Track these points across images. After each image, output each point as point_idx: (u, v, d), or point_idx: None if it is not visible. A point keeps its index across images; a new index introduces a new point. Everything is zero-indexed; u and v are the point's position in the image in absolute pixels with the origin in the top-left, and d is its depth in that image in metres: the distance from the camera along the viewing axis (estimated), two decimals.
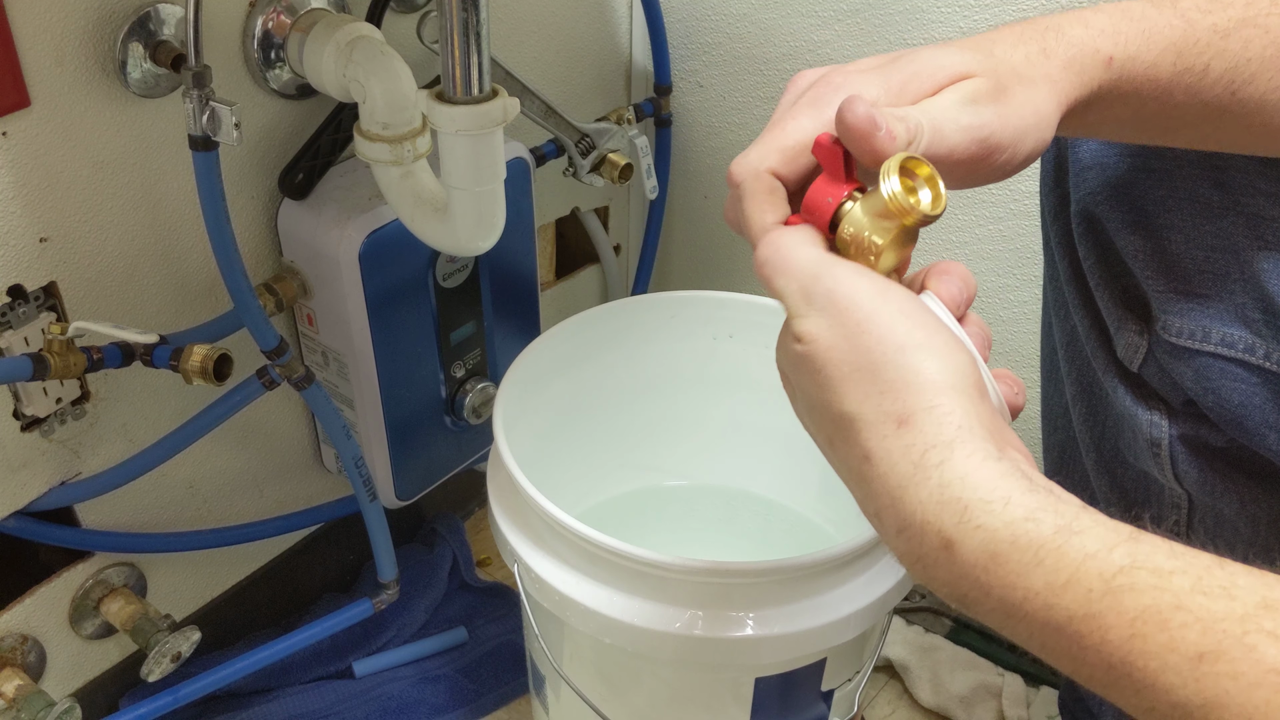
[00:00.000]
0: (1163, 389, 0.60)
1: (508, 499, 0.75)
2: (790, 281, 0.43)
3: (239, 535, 0.91)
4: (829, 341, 0.41)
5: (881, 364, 0.40)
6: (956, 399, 0.40)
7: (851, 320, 0.41)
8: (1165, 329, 0.57)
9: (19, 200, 0.68)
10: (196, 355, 0.70)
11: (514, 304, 0.95)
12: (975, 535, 0.37)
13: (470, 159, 0.71)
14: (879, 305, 0.41)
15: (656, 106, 1.08)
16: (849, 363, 0.41)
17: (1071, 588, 0.35)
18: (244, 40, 0.75)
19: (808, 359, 0.42)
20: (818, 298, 0.42)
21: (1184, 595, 0.34)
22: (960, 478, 0.38)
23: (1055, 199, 0.65)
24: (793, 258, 0.44)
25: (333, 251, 0.79)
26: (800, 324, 0.42)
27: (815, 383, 0.42)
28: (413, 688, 0.98)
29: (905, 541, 0.39)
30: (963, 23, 0.87)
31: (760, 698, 0.73)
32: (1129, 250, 0.59)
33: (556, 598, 0.70)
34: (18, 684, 0.79)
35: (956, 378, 0.40)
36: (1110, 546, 0.36)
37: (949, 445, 0.39)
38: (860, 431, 0.40)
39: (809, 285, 0.43)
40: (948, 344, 0.41)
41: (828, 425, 0.42)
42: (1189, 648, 0.33)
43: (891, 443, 0.39)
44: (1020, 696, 0.97)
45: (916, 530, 0.39)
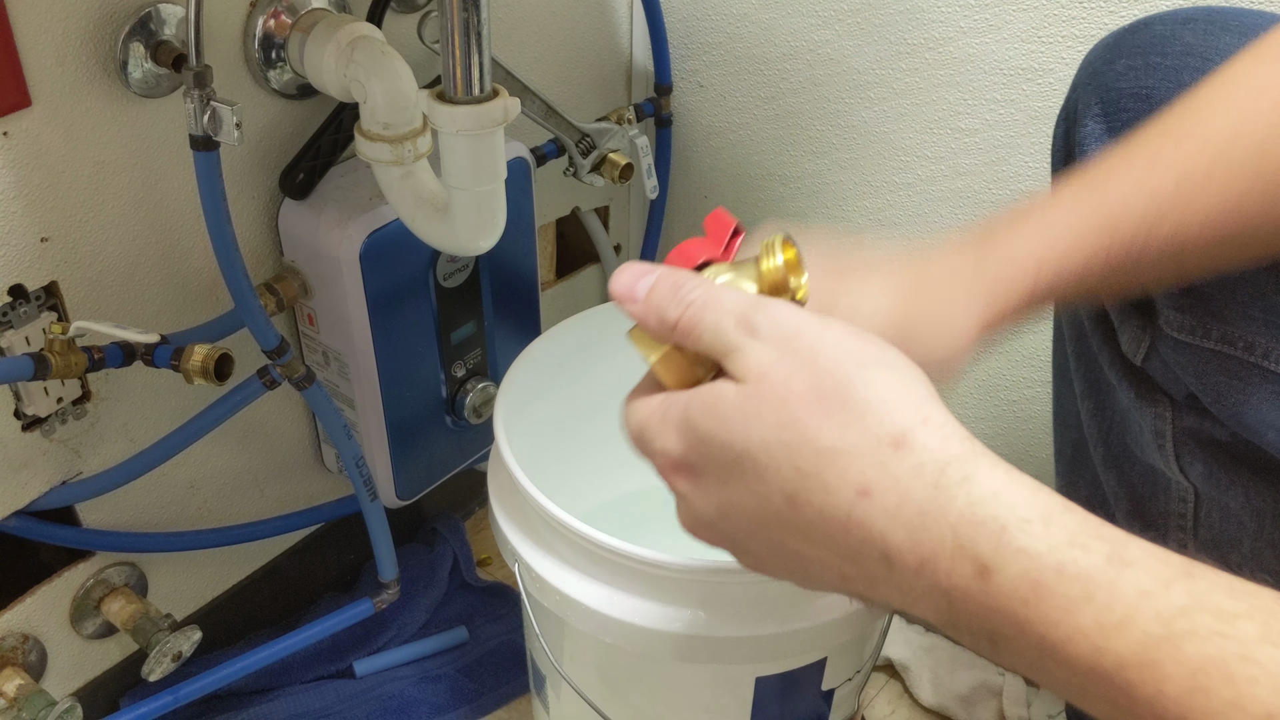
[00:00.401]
0: (1166, 383, 0.60)
1: (508, 498, 0.75)
2: (724, 315, 0.39)
3: (240, 535, 0.91)
4: (786, 370, 0.37)
5: (850, 383, 0.36)
6: (938, 407, 0.37)
7: (804, 345, 0.37)
8: (1167, 323, 0.58)
9: (20, 200, 0.68)
10: (197, 355, 0.70)
11: (514, 304, 0.95)
12: (1016, 561, 0.33)
13: (471, 159, 0.71)
14: (824, 327, 0.38)
15: (657, 106, 1.08)
16: (814, 389, 0.36)
17: (1126, 630, 0.31)
18: (245, 40, 0.75)
19: (761, 395, 0.37)
20: (762, 326, 0.38)
21: (1252, 645, 0.30)
22: (992, 494, 0.34)
23: None
24: (723, 295, 0.40)
25: (333, 251, 0.79)
26: (743, 359, 0.38)
27: (776, 422, 0.36)
28: (413, 687, 0.98)
29: (929, 577, 0.35)
30: (963, 22, 0.87)
31: (761, 697, 0.74)
32: None
33: (557, 597, 0.70)
34: (19, 683, 0.79)
35: (926, 385, 0.37)
36: (1167, 582, 0.32)
37: (965, 460, 0.35)
38: (849, 465, 0.35)
39: (749, 315, 0.39)
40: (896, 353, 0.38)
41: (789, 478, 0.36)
42: (1258, 707, 0.30)
43: (894, 467, 0.35)
44: (1021, 696, 0.97)
45: (946, 560, 0.34)
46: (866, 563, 0.36)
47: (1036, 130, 0.88)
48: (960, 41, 0.88)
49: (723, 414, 0.38)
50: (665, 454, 0.41)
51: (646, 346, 0.43)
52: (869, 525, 0.35)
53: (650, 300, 0.41)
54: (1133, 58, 0.60)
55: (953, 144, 0.92)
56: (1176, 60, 0.58)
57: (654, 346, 0.42)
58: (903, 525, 0.35)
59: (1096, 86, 0.61)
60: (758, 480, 0.37)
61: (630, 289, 0.42)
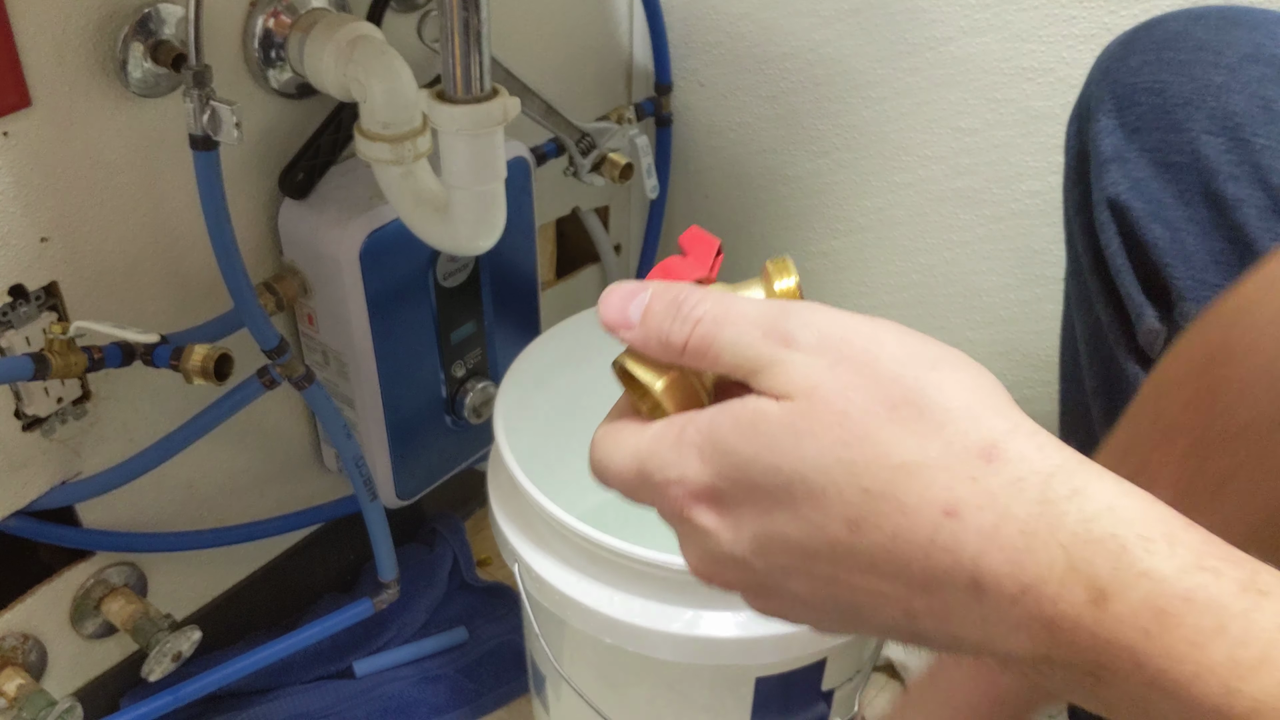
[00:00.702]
0: None
1: (508, 499, 0.75)
2: (746, 327, 0.34)
3: (239, 535, 0.91)
4: (842, 381, 0.32)
5: (923, 388, 0.32)
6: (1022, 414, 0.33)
7: (857, 349, 0.33)
8: (1184, 316, 0.58)
9: (20, 200, 0.68)
10: (197, 355, 0.70)
11: (514, 303, 0.95)
12: (1138, 586, 0.29)
13: (471, 158, 0.71)
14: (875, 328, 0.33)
15: (657, 105, 1.08)
16: (882, 400, 0.32)
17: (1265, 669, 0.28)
18: (244, 40, 0.75)
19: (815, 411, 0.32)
20: (799, 334, 0.33)
21: None
22: (1108, 508, 0.30)
23: (1079, 193, 0.65)
24: (739, 304, 0.35)
25: (333, 251, 0.79)
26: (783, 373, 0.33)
27: (838, 439, 0.32)
28: (413, 687, 0.98)
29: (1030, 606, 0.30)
30: (963, 22, 0.87)
31: (761, 697, 0.73)
32: (1150, 239, 0.59)
33: (557, 597, 0.70)
34: (19, 683, 0.79)
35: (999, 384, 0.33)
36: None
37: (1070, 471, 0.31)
38: (932, 480, 0.31)
39: (779, 324, 0.34)
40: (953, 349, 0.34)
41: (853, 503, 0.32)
42: None
43: (989, 482, 0.30)
44: None
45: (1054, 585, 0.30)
46: (948, 592, 0.31)
47: (1037, 130, 0.88)
48: (960, 41, 0.88)
49: (767, 433, 0.33)
50: (684, 483, 0.35)
51: (647, 373, 0.37)
52: (958, 549, 0.31)
53: (649, 322, 0.36)
54: (1146, 53, 0.60)
55: (953, 143, 0.92)
56: (1189, 55, 0.59)
57: (655, 372, 0.37)
58: (1001, 548, 0.30)
59: (1110, 82, 0.61)
60: (811, 507, 0.32)
61: (622, 314, 0.37)
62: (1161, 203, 0.59)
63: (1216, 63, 0.57)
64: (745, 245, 1.12)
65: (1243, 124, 0.56)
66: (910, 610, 0.32)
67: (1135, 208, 0.60)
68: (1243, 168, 0.56)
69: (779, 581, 0.35)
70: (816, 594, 0.34)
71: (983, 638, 0.31)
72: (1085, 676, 0.30)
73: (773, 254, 0.91)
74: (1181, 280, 0.58)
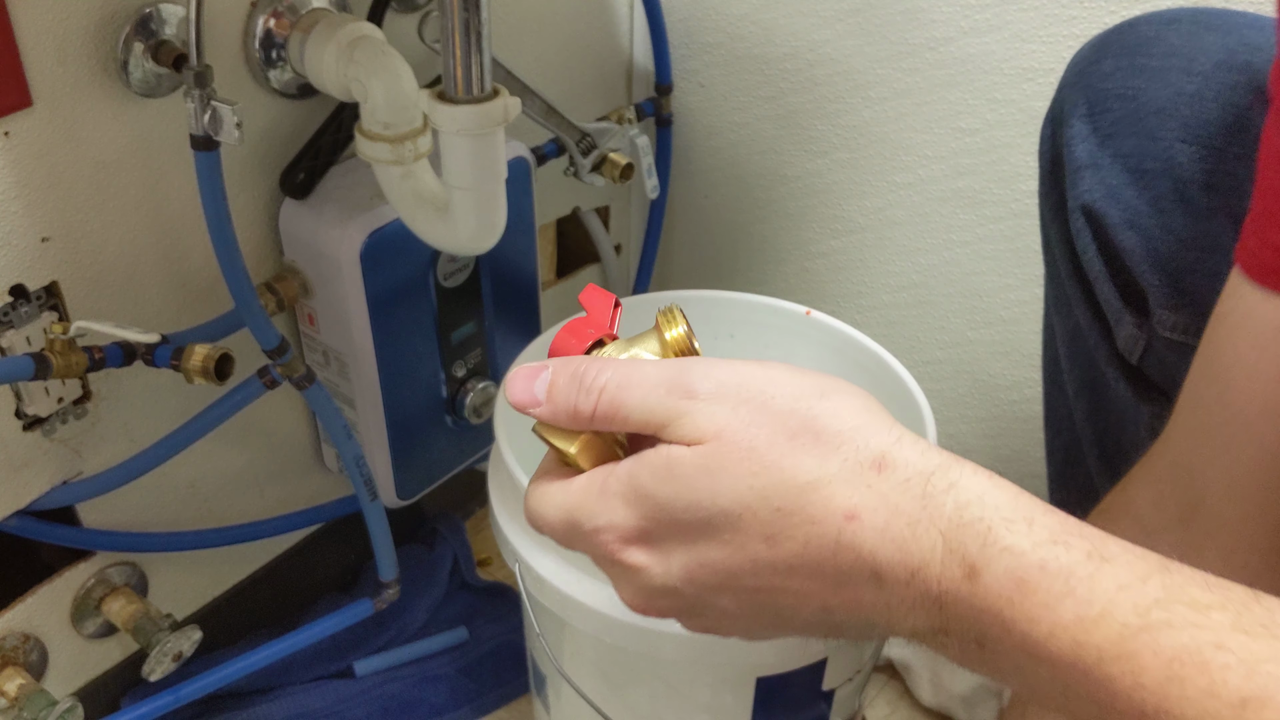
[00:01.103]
0: (1162, 381, 0.60)
1: (509, 498, 0.75)
2: (650, 389, 0.38)
3: (240, 534, 0.91)
4: (744, 420, 0.36)
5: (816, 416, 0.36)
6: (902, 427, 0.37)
7: (753, 391, 0.37)
8: (1160, 323, 0.58)
9: (21, 200, 0.68)
10: (198, 355, 0.70)
11: (515, 303, 0.95)
12: (1001, 559, 0.34)
13: (471, 159, 0.71)
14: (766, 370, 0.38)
15: (657, 106, 1.08)
16: (782, 431, 0.36)
17: (1104, 622, 0.32)
18: (245, 40, 0.75)
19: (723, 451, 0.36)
20: (699, 386, 0.37)
21: (1224, 633, 0.31)
22: (978, 497, 0.35)
23: (1054, 199, 0.65)
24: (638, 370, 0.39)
25: (334, 251, 0.79)
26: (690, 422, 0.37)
27: (748, 471, 0.36)
28: (413, 687, 0.98)
29: (920, 585, 0.35)
30: (963, 22, 0.87)
31: (761, 697, 0.74)
32: (1125, 246, 0.59)
33: (557, 597, 0.70)
34: (20, 683, 0.79)
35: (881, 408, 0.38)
36: (1143, 576, 0.33)
37: (947, 468, 0.36)
38: (834, 493, 0.35)
39: (680, 380, 0.38)
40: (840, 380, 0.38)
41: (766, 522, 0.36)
42: (1231, 693, 0.30)
43: (880, 487, 0.35)
44: None
45: (937, 565, 0.35)
46: (855, 584, 0.36)
47: (1037, 130, 0.87)
48: (960, 41, 0.88)
49: (682, 477, 0.37)
50: (613, 529, 0.39)
51: (560, 438, 0.41)
52: (858, 546, 0.35)
53: (555, 399, 0.40)
54: (1119, 58, 0.60)
55: (953, 144, 0.92)
56: (1161, 61, 0.58)
57: (569, 437, 0.41)
58: (892, 539, 0.35)
59: (1083, 87, 0.61)
60: (732, 533, 0.37)
61: (529, 394, 0.41)
62: (1136, 210, 0.59)
63: (1189, 69, 0.57)
64: (745, 245, 1.12)
65: (1216, 133, 0.56)
66: (827, 605, 0.37)
67: (1110, 215, 0.59)
68: (1217, 176, 0.56)
69: (710, 601, 0.39)
70: (744, 605, 0.38)
71: (888, 620, 0.36)
72: (972, 644, 0.35)
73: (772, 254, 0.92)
74: (1157, 288, 0.58)
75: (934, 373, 1.02)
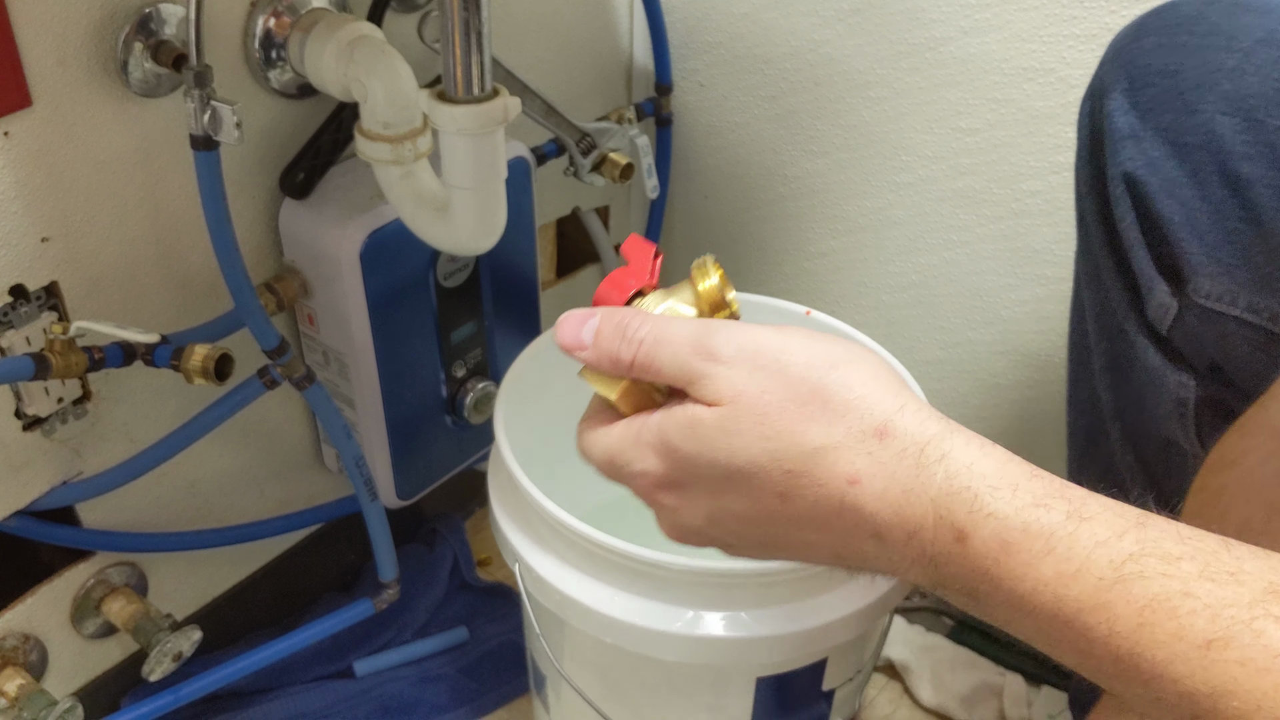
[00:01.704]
0: (1190, 352, 0.61)
1: (508, 498, 0.75)
2: (680, 347, 0.42)
3: (240, 535, 0.91)
4: (759, 386, 0.40)
5: (826, 385, 0.39)
6: (909, 393, 0.40)
7: (768, 358, 0.40)
8: (1195, 291, 0.58)
9: (21, 200, 0.68)
10: (198, 355, 0.70)
11: (515, 303, 0.95)
12: (987, 524, 0.37)
13: (471, 158, 0.71)
14: (783, 338, 0.41)
15: (657, 106, 1.08)
16: (793, 398, 0.39)
17: (1082, 576, 0.35)
18: (245, 40, 0.75)
19: (740, 414, 0.40)
20: (722, 350, 0.41)
21: (1192, 581, 0.34)
22: (966, 467, 0.38)
23: (1091, 171, 0.66)
24: (672, 327, 0.42)
25: (334, 251, 0.79)
26: (712, 384, 0.41)
27: (760, 435, 0.39)
28: (413, 687, 0.98)
29: (917, 546, 0.38)
30: (964, 22, 0.87)
31: (761, 698, 0.73)
32: (1165, 214, 0.60)
33: (557, 597, 0.70)
34: (20, 683, 0.79)
35: (893, 374, 0.41)
36: (1120, 533, 0.35)
37: (941, 438, 0.39)
38: (839, 458, 0.39)
39: (704, 342, 0.41)
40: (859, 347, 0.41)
41: (779, 480, 0.40)
42: (1197, 635, 0.33)
43: (880, 454, 0.39)
44: (1021, 696, 0.97)
45: (930, 530, 0.38)
46: (859, 541, 0.40)
47: (1037, 130, 0.88)
48: (961, 41, 0.88)
49: (703, 437, 0.41)
50: (646, 475, 0.44)
51: (604, 384, 0.45)
52: (860, 509, 0.39)
53: (600, 345, 0.44)
54: (1159, 35, 0.61)
55: (953, 144, 0.92)
56: (1202, 39, 0.59)
57: (612, 384, 0.45)
58: (889, 504, 0.38)
59: (1124, 63, 0.62)
60: (748, 488, 0.41)
61: (577, 337, 0.46)
62: (1175, 180, 0.59)
63: (1230, 46, 0.58)
64: (745, 245, 1.12)
65: (1257, 105, 0.57)
66: (836, 554, 0.41)
67: (1150, 183, 0.60)
68: (1257, 148, 0.57)
69: (734, 540, 0.43)
70: (766, 544, 0.43)
71: (893, 571, 0.40)
72: (967, 597, 0.38)
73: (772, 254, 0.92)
74: (1195, 256, 0.59)
75: (934, 373, 1.02)
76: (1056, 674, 0.98)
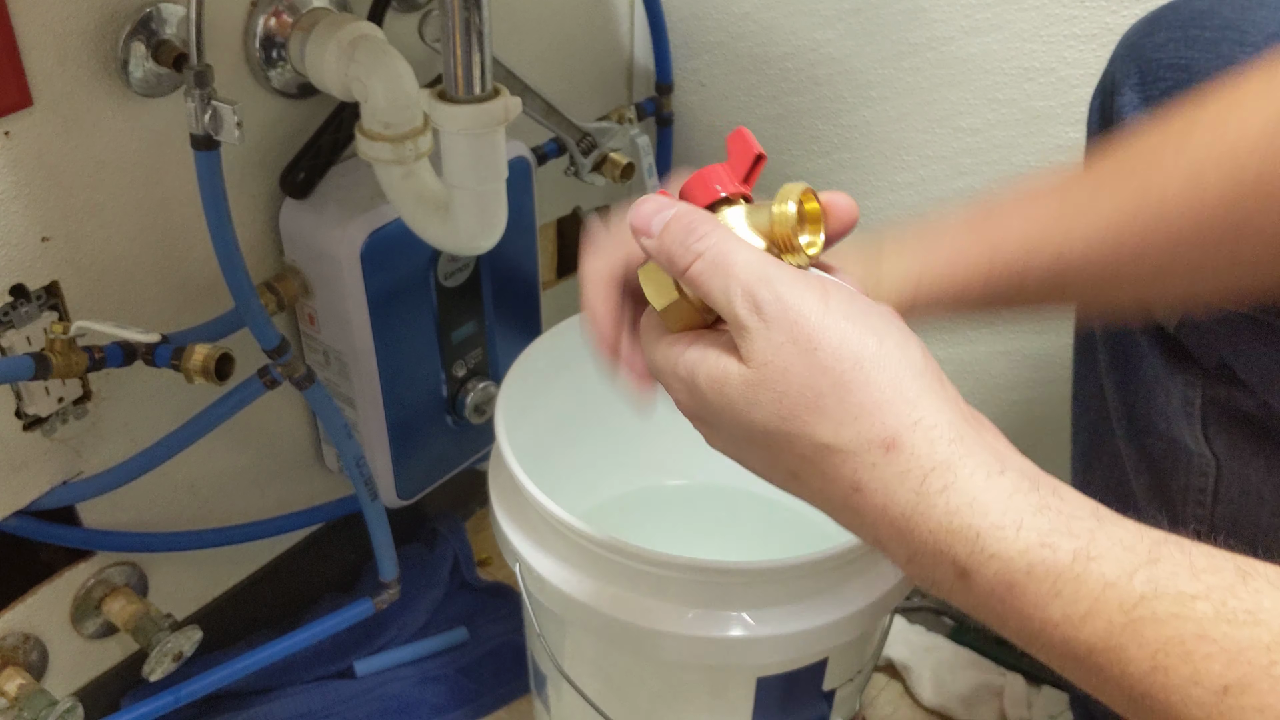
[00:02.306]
0: (1197, 350, 0.60)
1: (509, 498, 0.75)
2: (734, 284, 0.40)
3: (240, 534, 0.91)
4: (785, 363, 0.39)
5: (846, 384, 0.38)
6: (932, 403, 0.39)
7: (803, 334, 0.39)
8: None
9: (21, 200, 0.68)
10: (198, 354, 0.70)
11: (515, 303, 0.95)
12: (990, 565, 0.36)
13: (472, 158, 0.71)
14: (825, 315, 0.39)
15: (658, 105, 1.08)
16: (812, 387, 0.39)
17: (1091, 620, 0.34)
18: (246, 40, 0.75)
19: (763, 385, 0.39)
20: (767, 307, 0.40)
21: (1208, 623, 0.32)
22: (968, 503, 0.37)
23: None
24: (733, 256, 0.41)
25: (334, 251, 0.79)
26: (747, 341, 0.40)
27: (777, 414, 0.39)
28: (414, 687, 0.98)
29: (918, 568, 0.38)
30: (964, 22, 0.87)
31: (762, 698, 0.73)
32: None
33: (558, 597, 0.70)
34: (20, 683, 0.79)
35: (920, 378, 0.39)
36: (1130, 573, 0.34)
37: (948, 467, 0.37)
38: (843, 462, 0.38)
39: (755, 291, 0.40)
40: (895, 340, 0.40)
41: (792, 459, 0.40)
42: (1213, 680, 0.32)
43: (884, 470, 0.38)
44: (1022, 696, 0.97)
45: (929, 559, 0.37)
46: (864, 534, 0.40)
47: (1038, 130, 0.88)
48: (961, 41, 0.88)
49: (728, 395, 0.41)
50: (679, 403, 0.44)
51: (656, 290, 0.44)
52: (862, 515, 0.39)
53: (664, 239, 0.43)
54: (1173, 30, 0.61)
55: (954, 144, 0.92)
56: (1215, 34, 0.59)
57: (663, 293, 0.44)
58: (890, 523, 0.38)
59: (1135, 58, 0.62)
60: (765, 453, 0.41)
61: (647, 222, 0.44)
62: None
63: (1242, 41, 0.58)
64: None
65: None
66: (865, 537, 0.40)
67: None
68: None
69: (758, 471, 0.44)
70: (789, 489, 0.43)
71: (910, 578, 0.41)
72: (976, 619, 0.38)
73: None
74: None
75: None
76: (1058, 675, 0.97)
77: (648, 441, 0.97)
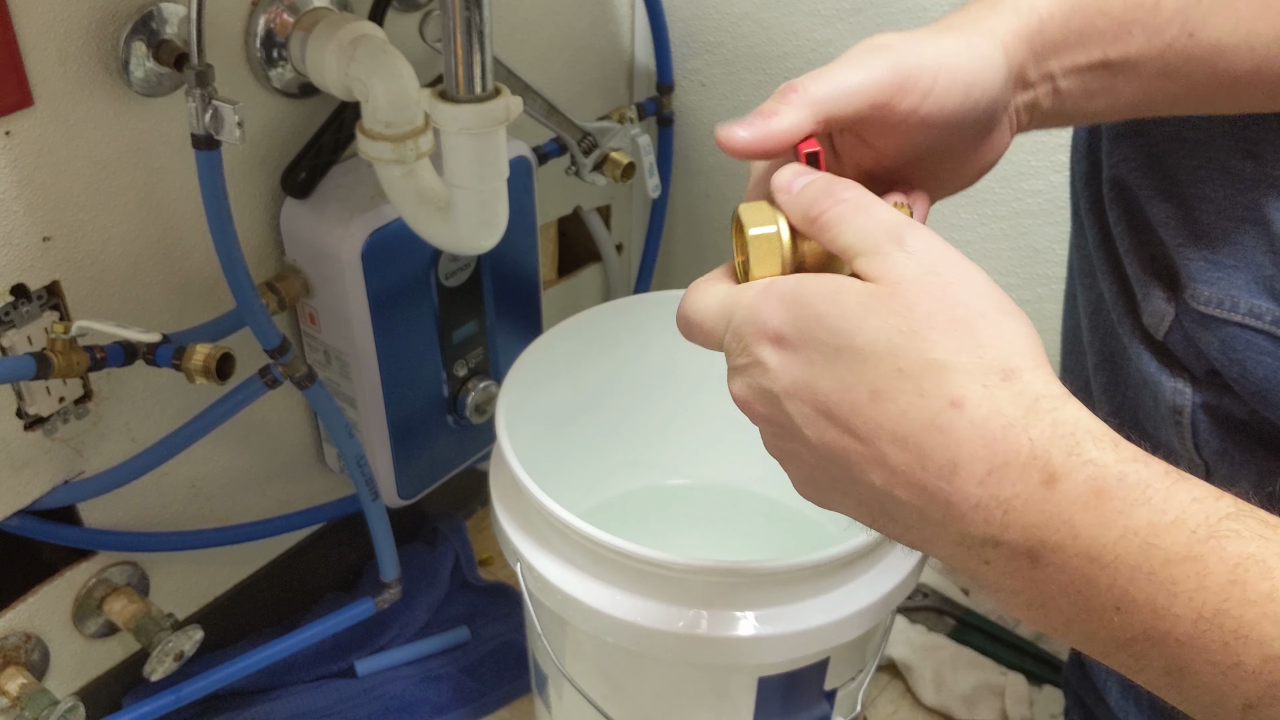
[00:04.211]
0: (1187, 358, 0.60)
1: (510, 498, 0.75)
2: (876, 222, 0.41)
3: (241, 534, 0.91)
4: (923, 286, 0.39)
5: (979, 320, 0.39)
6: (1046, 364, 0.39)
7: (947, 271, 0.39)
8: (1194, 297, 0.58)
9: (22, 199, 0.68)
10: (199, 354, 0.70)
11: (516, 303, 0.95)
12: (1083, 469, 0.36)
13: (473, 158, 0.71)
14: (970, 267, 0.40)
15: (659, 105, 1.08)
16: (945, 311, 0.39)
17: (1175, 528, 0.34)
18: (246, 39, 0.75)
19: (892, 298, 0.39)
20: (912, 243, 0.40)
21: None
22: (1074, 419, 0.37)
23: (1087, 165, 0.65)
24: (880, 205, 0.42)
25: (335, 250, 0.79)
26: (883, 262, 0.40)
27: (896, 326, 0.38)
28: (415, 687, 0.98)
29: (992, 487, 0.37)
30: None
31: (763, 697, 0.73)
32: (1159, 218, 0.59)
33: (559, 597, 0.70)
34: (21, 682, 0.79)
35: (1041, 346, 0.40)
36: (1216, 495, 0.35)
37: (1064, 398, 0.38)
38: (951, 378, 0.38)
39: (901, 230, 0.40)
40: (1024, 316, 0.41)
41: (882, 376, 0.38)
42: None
43: (997, 390, 0.37)
44: (1023, 696, 0.97)
45: (1017, 469, 0.36)
46: (928, 468, 0.38)
47: (1037, 131, 0.87)
48: None
49: (844, 302, 0.39)
50: (758, 324, 0.42)
51: (755, 217, 0.44)
52: (949, 432, 0.37)
53: (804, 194, 0.43)
54: None
55: None
56: None
57: (763, 219, 0.43)
58: (983, 435, 0.37)
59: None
60: (849, 370, 0.39)
61: (789, 182, 0.44)
62: (1173, 179, 0.59)
63: None
64: None
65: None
66: (890, 479, 0.39)
67: (1145, 185, 0.59)
68: (1259, 145, 0.56)
69: (795, 426, 0.41)
70: (819, 447, 0.40)
71: (943, 518, 0.38)
72: (1023, 558, 0.37)
73: None
74: (1192, 261, 0.58)
75: None
76: (1057, 674, 0.98)
77: (649, 441, 0.97)
